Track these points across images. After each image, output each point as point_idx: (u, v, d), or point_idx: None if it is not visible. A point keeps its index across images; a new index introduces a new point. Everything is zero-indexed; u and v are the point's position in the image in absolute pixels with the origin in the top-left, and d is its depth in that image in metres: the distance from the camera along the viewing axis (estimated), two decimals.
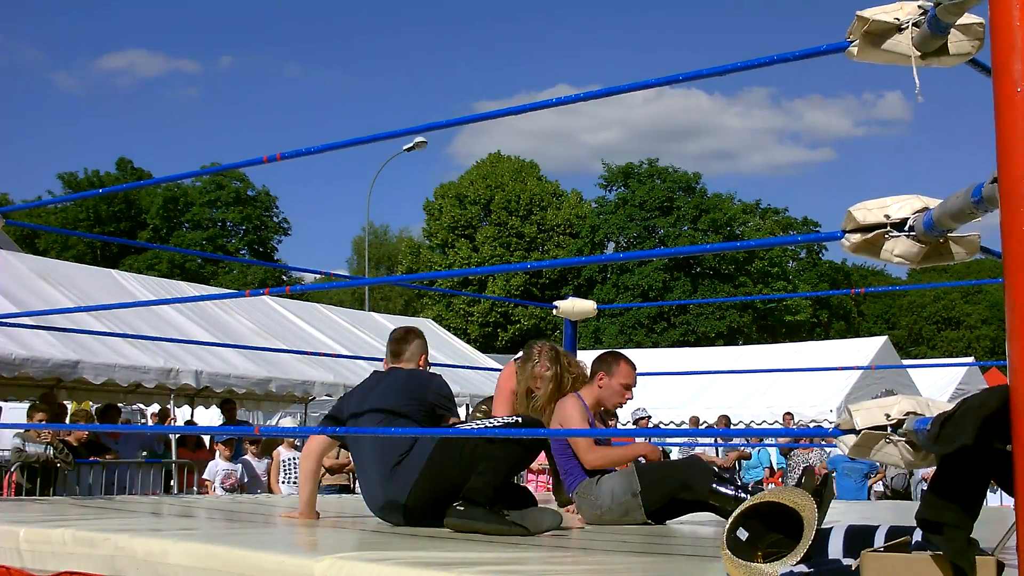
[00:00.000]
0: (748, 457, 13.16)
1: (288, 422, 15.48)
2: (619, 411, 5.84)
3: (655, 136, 67.97)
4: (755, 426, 15.19)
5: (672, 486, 4.58)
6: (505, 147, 54.60)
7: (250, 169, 42.22)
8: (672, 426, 16.16)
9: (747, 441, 12.08)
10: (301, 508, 4.36)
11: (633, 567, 2.82)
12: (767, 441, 12.53)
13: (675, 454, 12.16)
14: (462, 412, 14.50)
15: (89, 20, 72.13)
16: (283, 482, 10.56)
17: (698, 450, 13.12)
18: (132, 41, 75.65)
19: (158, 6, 70.88)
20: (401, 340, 4.47)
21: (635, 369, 4.95)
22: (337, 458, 10.77)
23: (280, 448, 10.03)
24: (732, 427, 14.73)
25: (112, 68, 72.38)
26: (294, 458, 9.55)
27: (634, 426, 12.01)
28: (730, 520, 2.32)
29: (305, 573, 2.46)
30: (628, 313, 39.91)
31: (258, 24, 76.16)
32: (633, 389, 4.96)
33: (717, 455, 12.00)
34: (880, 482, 13.41)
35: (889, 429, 2.06)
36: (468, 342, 26.19)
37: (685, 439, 12.80)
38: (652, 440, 6.19)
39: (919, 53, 2.30)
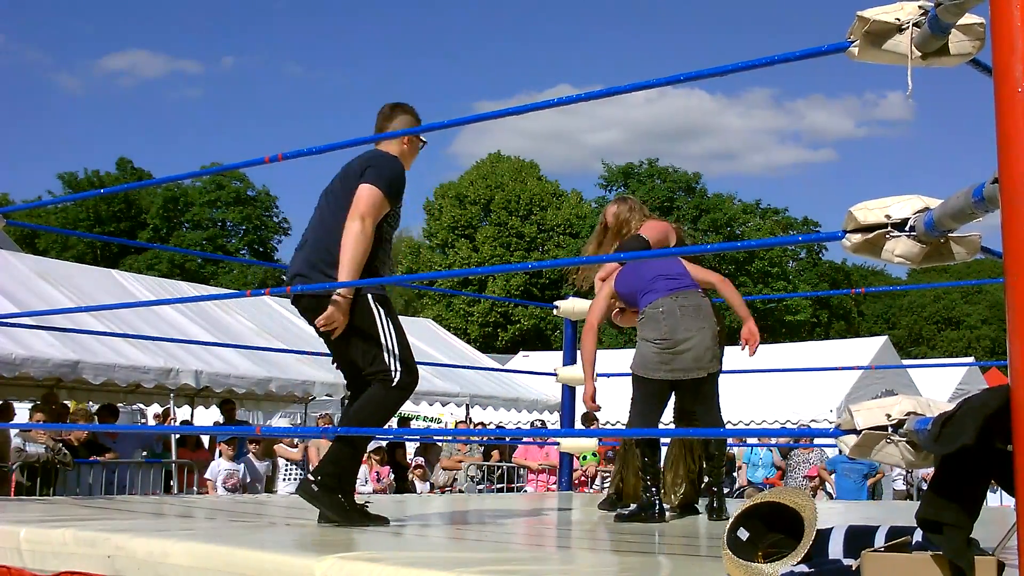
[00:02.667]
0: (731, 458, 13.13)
1: (283, 422, 15.46)
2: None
3: (656, 136, 68.00)
4: (755, 426, 15.18)
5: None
6: (505, 147, 54.54)
7: (250, 169, 42.26)
8: (672, 426, 16.15)
9: (742, 441, 12.07)
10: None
11: (633, 567, 2.82)
12: (772, 441, 12.52)
13: None
14: (460, 412, 14.60)
15: (91, 21, 72.24)
16: (284, 480, 10.58)
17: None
18: (134, 42, 75.65)
19: (160, 7, 70.96)
20: (386, 118, 4.16)
21: None
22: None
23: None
24: (734, 427, 14.71)
25: (114, 69, 72.42)
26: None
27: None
28: (731, 520, 2.33)
29: (306, 573, 2.46)
30: None
31: (259, 25, 76.22)
32: None
33: None
34: (902, 480, 13.43)
35: (890, 429, 2.06)
36: (468, 342, 26.19)
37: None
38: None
39: (920, 53, 2.30)
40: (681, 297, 4.67)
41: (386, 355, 3.82)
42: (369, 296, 3.86)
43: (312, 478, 3.78)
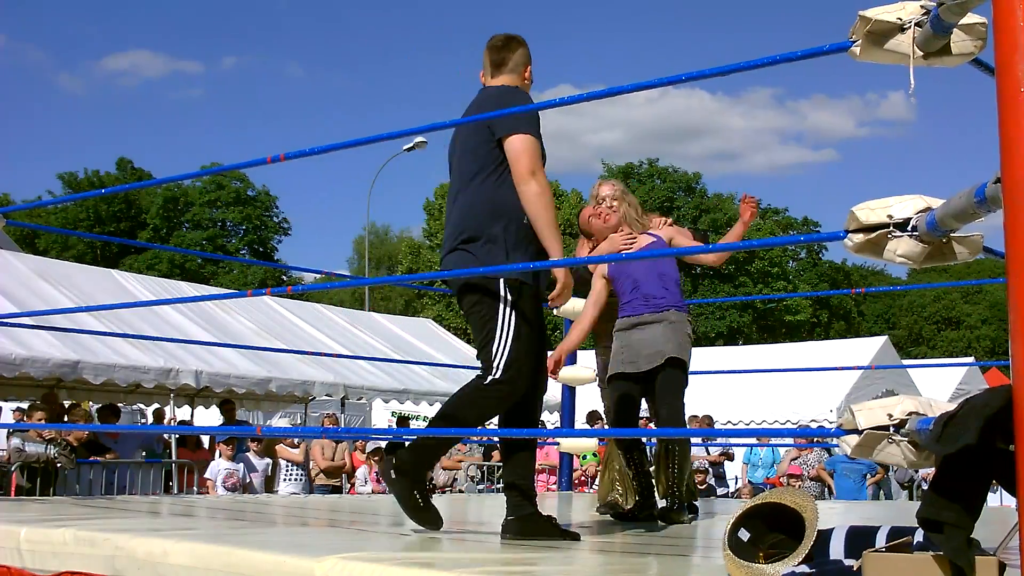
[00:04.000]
0: (731, 457, 13.12)
1: (283, 422, 15.45)
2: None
3: (657, 136, 68.01)
4: (755, 426, 15.19)
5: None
6: None
7: (250, 169, 42.24)
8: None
9: (725, 441, 12.07)
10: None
11: (633, 567, 2.82)
12: (772, 441, 12.51)
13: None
14: None
15: (93, 22, 72.22)
16: (285, 480, 10.58)
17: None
18: (136, 42, 75.56)
19: (161, 8, 70.91)
20: (503, 48, 3.79)
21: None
22: (333, 460, 10.78)
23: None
24: (734, 427, 14.74)
25: (116, 69, 72.37)
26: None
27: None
28: (732, 520, 2.32)
29: (306, 573, 2.46)
30: None
31: (261, 25, 76.23)
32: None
33: (707, 453, 12.02)
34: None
35: (892, 429, 2.06)
36: (468, 342, 26.10)
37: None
38: (650, 438, 6.18)
39: (921, 53, 2.30)
40: None
41: (495, 347, 3.46)
42: (502, 281, 3.51)
43: (392, 459, 3.42)
